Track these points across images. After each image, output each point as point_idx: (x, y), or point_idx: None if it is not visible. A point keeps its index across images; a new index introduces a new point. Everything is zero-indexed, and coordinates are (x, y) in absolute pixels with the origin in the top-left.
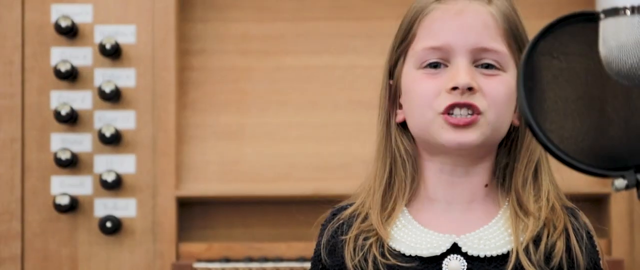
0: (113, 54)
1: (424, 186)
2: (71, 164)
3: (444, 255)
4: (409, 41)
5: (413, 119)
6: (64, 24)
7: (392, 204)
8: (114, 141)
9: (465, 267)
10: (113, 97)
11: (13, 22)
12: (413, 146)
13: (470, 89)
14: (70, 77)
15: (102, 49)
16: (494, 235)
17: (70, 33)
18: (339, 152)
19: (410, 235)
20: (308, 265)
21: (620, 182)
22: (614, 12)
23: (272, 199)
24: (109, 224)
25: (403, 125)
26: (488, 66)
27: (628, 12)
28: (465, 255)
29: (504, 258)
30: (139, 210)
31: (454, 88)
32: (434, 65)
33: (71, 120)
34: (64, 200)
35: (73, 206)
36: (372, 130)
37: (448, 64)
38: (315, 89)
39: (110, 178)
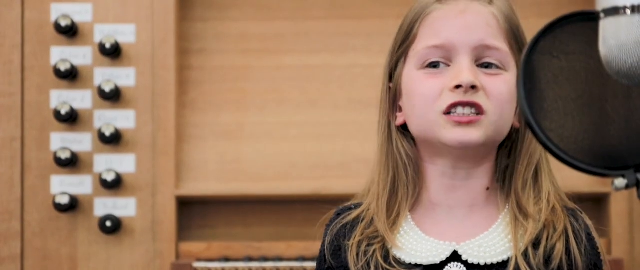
0: (113, 53)
1: (426, 191)
2: (71, 163)
3: (444, 263)
4: (409, 42)
5: (414, 121)
6: (63, 23)
7: (396, 209)
8: (113, 140)
9: None
10: (113, 97)
11: (13, 21)
12: (414, 150)
13: (473, 87)
14: (70, 76)
15: (102, 48)
16: (493, 241)
17: (69, 32)
18: (339, 151)
19: (412, 242)
20: (308, 264)
21: (620, 182)
22: (614, 11)
23: (271, 198)
24: (108, 224)
25: (404, 128)
26: (489, 66)
27: (628, 11)
28: (465, 263)
29: (504, 264)
30: (139, 209)
31: (457, 86)
32: (435, 65)
33: (71, 119)
34: (64, 200)
35: (73, 205)
36: (371, 129)
37: (449, 64)
38: (314, 88)
39: (110, 177)
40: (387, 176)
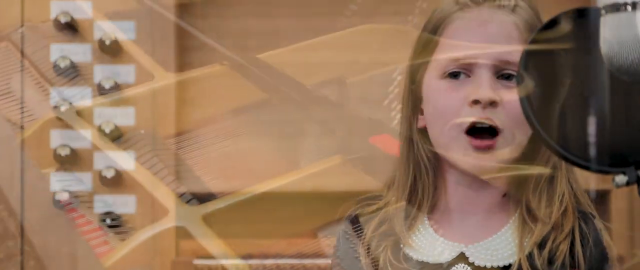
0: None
1: (444, 194)
2: (71, 160)
3: (452, 263)
4: (431, 48)
5: (434, 133)
6: (63, 20)
7: (415, 210)
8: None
9: None
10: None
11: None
12: (435, 152)
13: (492, 103)
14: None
15: (102, 45)
16: (501, 245)
17: (69, 29)
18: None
19: (423, 241)
20: (308, 262)
21: (620, 179)
22: (615, 8)
23: (272, 195)
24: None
25: (425, 129)
26: (510, 77)
27: (629, 7)
28: (472, 265)
29: (509, 267)
30: (139, 206)
31: (476, 101)
32: (456, 75)
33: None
34: (64, 197)
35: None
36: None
37: (470, 75)
38: None
39: (109, 174)
40: (407, 178)
